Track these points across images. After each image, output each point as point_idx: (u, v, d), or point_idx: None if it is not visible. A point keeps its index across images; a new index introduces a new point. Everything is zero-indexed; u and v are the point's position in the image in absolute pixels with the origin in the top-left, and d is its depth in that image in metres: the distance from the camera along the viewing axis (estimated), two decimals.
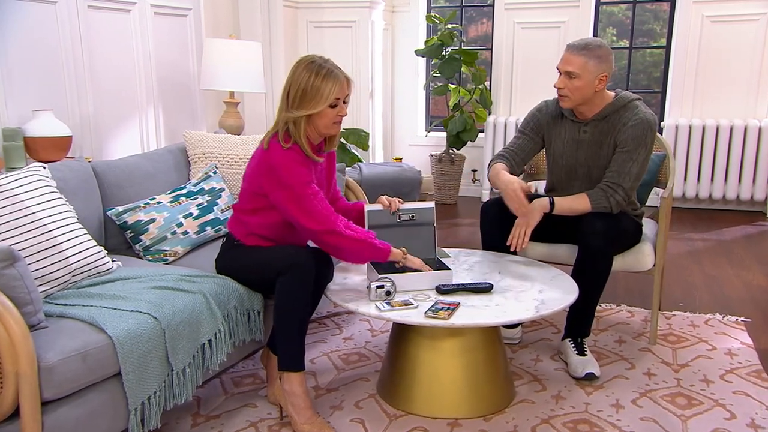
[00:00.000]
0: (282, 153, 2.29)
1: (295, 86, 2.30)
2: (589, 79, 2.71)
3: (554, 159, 2.96)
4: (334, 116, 2.34)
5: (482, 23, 6.71)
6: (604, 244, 2.68)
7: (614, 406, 2.50)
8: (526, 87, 6.12)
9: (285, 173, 2.27)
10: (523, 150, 2.98)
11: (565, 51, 2.76)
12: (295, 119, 2.31)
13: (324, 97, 2.29)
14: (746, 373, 2.75)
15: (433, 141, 6.46)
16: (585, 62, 2.69)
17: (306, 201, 2.28)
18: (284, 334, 2.28)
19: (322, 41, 5.71)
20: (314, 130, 2.38)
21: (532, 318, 2.25)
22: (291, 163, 2.28)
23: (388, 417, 2.43)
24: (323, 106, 2.30)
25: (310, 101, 2.30)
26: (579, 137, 2.85)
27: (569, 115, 2.87)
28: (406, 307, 2.29)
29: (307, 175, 2.30)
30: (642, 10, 6.11)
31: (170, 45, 4.25)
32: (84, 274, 2.32)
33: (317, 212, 2.29)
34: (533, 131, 2.97)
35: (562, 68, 2.75)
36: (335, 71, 2.31)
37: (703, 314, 3.38)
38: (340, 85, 2.31)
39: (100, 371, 1.91)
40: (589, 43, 2.72)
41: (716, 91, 5.66)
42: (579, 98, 2.76)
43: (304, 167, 2.30)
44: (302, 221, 2.30)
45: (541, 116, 2.97)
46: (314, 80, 2.28)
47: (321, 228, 2.29)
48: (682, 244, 4.69)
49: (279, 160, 2.29)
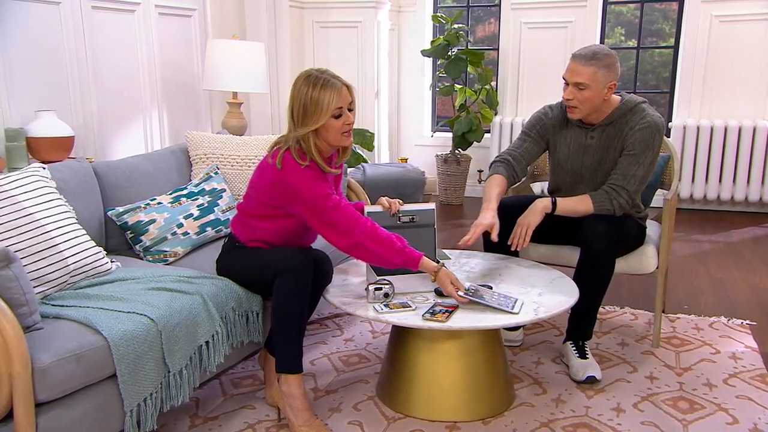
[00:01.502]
0: (299, 171, 2.26)
1: (297, 103, 2.27)
2: (598, 89, 2.66)
3: (559, 164, 2.92)
4: (340, 126, 2.29)
5: (490, 23, 6.69)
6: (607, 246, 2.66)
7: (615, 410, 2.47)
8: (532, 87, 6.09)
9: (304, 190, 2.25)
10: (529, 153, 2.92)
11: (572, 61, 2.69)
12: (302, 137, 2.29)
13: (324, 109, 2.25)
14: (750, 377, 2.72)
15: (439, 141, 6.44)
16: (594, 72, 2.63)
17: (328, 214, 2.26)
18: (282, 335, 2.27)
19: (327, 41, 5.71)
20: (324, 143, 2.34)
21: (530, 321, 2.24)
22: (309, 180, 2.26)
23: (387, 419, 2.42)
24: (326, 118, 2.26)
25: (312, 116, 2.26)
26: (586, 142, 2.81)
27: (576, 121, 2.83)
28: (403, 309, 2.28)
29: (325, 188, 2.28)
30: (651, 9, 6.07)
31: (175, 45, 4.26)
32: (82, 275, 2.32)
33: (340, 224, 2.26)
34: (539, 134, 2.93)
35: (570, 79, 2.68)
36: (332, 80, 2.26)
37: (708, 317, 3.35)
38: (339, 94, 2.26)
39: (95, 373, 1.91)
40: (597, 52, 2.65)
41: (725, 92, 5.61)
42: (588, 109, 2.71)
43: (322, 182, 2.29)
44: (327, 236, 2.29)
45: (547, 120, 2.91)
46: (312, 93, 2.24)
47: (345, 243, 2.27)
48: (689, 246, 4.65)
49: (296, 179, 2.25)
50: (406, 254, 2.30)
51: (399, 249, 2.29)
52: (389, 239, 2.29)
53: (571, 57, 2.70)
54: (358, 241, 2.26)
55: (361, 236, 2.26)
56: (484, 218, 2.67)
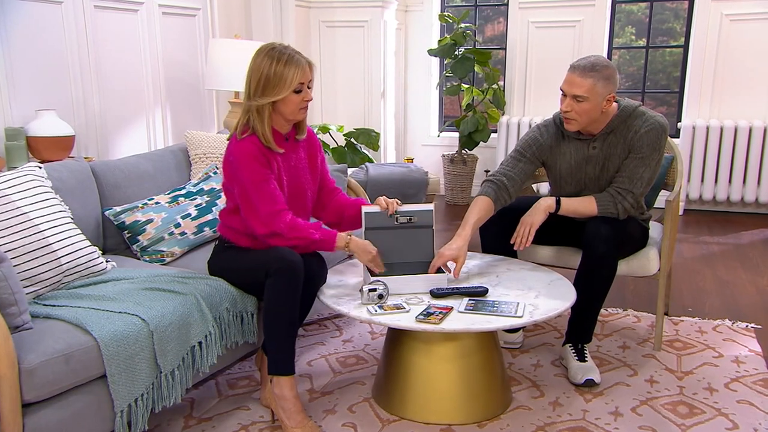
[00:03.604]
0: (237, 145, 2.31)
1: (257, 74, 2.30)
2: (597, 102, 2.60)
3: (561, 177, 2.85)
4: (299, 102, 2.34)
5: (499, 22, 6.64)
6: (609, 249, 2.62)
7: (613, 414, 2.44)
8: (540, 87, 6.04)
9: (238, 168, 2.29)
10: (525, 174, 2.81)
11: (570, 72, 2.61)
12: (258, 107, 2.31)
13: (287, 83, 2.29)
14: (752, 382, 2.68)
15: (446, 141, 6.41)
16: (593, 84, 2.56)
17: (252, 199, 2.29)
18: (273, 337, 2.26)
19: (334, 41, 5.69)
20: (280, 117, 2.37)
21: (524, 324, 2.21)
22: (245, 157, 2.29)
23: (381, 422, 2.40)
24: (287, 92, 2.30)
25: (273, 88, 2.29)
26: (588, 153, 2.75)
27: (574, 134, 2.77)
28: (397, 310, 2.26)
29: (258, 171, 2.29)
30: (662, 8, 6.00)
31: (179, 45, 4.26)
32: (76, 275, 2.32)
33: (262, 213, 2.28)
34: (534, 156, 2.83)
35: (568, 91, 2.62)
36: (296, 56, 2.31)
37: (712, 320, 3.30)
38: (303, 70, 2.30)
39: (83, 373, 1.90)
40: (596, 63, 2.58)
41: (735, 92, 5.53)
42: (586, 121, 2.65)
43: (257, 162, 2.30)
44: (249, 221, 2.32)
45: (543, 141, 2.82)
46: (276, 66, 2.27)
47: (264, 231, 2.30)
48: (696, 248, 4.59)
49: (234, 153, 2.31)
50: (317, 240, 2.34)
51: (310, 240, 2.33)
52: (304, 228, 2.33)
53: (570, 68, 2.63)
54: (273, 231, 2.29)
55: (276, 227, 2.29)
56: (449, 248, 2.54)
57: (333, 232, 2.40)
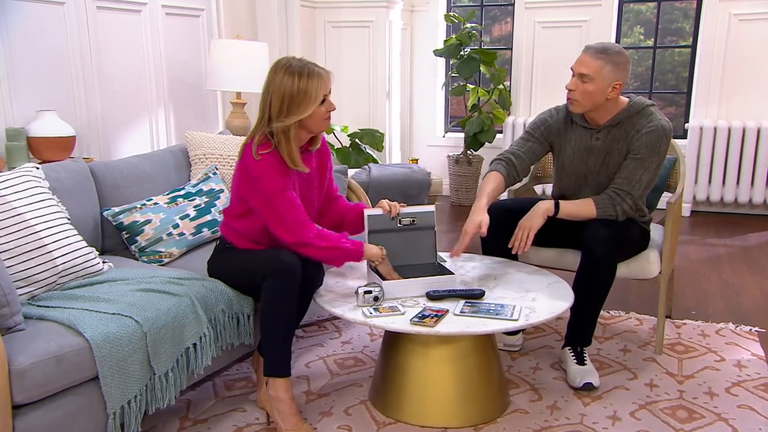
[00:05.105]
0: (258, 160, 2.27)
1: (279, 93, 2.26)
2: (601, 85, 2.60)
3: (563, 167, 2.86)
4: (324, 113, 2.32)
5: (506, 22, 6.61)
6: (608, 251, 2.60)
7: (611, 418, 2.42)
8: (546, 87, 6.01)
9: (260, 180, 2.26)
10: (533, 153, 2.86)
11: (582, 52, 2.65)
12: (284, 128, 2.27)
13: (313, 98, 2.26)
14: (754, 387, 2.65)
15: (451, 142, 6.40)
16: (601, 66, 2.58)
17: (279, 210, 2.26)
18: (269, 338, 2.25)
19: (339, 41, 5.69)
20: (303, 131, 2.35)
21: (519, 327, 2.19)
22: (268, 168, 2.26)
23: (377, 424, 2.39)
24: (314, 107, 2.27)
25: (299, 106, 2.26)
26: (591, 144, 2.75)
27: (580, 121, 2.77)
28: (392, 313, 2.25)
29: (282, 182, 2.27)
30: (671, 8, 5.96)
31: (182, 45, 4.26)
32: (72, 276, 2.32)
33: (290, 222, 2.26)
34: (543, 136, 2.86)
35: (576, 69, 2.65)
36: (317, 69, 2.28)
37: (716, 323, 3.27)
38: (324, 82, 2.29)
39: (75, 375, 1.90)
40: (609, 47, 2.61)
41: (743, 92, 5.48)
42: (589, 103, 2.65)
43: (280, 174, 2.27)
44: (276, 231, 2.29)
45: (552, 122, 2.86)
46: (299, 83, 2.24)
47: (293, 240, 2.27)
48: (702, 250, 4.55)
49: (255, 167, 2.27)
50: (348, 250, 2.34)
51: (342, 249, 2.33)
52: (333, 238, 2.33)
53: (584, 48, 2.67)
54: (303, 241, 2.27)
55: (306, 237, 2.27)
56: (472, 221, 2.61)
57: (359, 242, 2.38)
